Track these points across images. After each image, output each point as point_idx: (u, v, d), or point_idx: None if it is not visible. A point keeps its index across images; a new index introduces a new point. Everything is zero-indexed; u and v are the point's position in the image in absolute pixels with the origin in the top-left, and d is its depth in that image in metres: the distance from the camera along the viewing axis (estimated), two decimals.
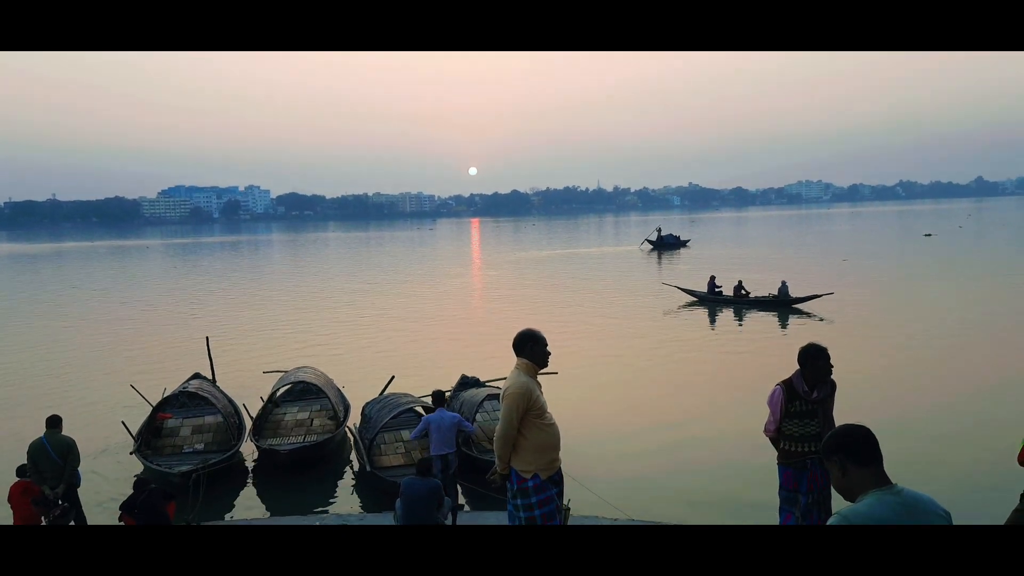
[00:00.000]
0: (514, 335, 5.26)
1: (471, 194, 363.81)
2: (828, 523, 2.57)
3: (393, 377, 13.30)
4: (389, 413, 10.96)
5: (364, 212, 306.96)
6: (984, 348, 17.98)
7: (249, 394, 13.75)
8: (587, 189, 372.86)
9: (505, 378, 5.26)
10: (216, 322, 26.35)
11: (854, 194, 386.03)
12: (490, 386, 12.47)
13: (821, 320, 22.79)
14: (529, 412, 5.02)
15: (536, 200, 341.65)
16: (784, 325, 22.64)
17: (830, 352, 5.63)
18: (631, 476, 10.53)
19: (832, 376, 5.68)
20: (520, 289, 34.96)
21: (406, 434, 11.68)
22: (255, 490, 10.84)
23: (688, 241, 62.94)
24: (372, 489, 10.36)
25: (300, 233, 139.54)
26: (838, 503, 2.88)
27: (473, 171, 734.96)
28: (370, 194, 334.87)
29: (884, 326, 21.27)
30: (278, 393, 13.48)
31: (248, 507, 10.22)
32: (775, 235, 78.83)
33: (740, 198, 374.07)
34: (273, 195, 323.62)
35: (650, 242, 61.14)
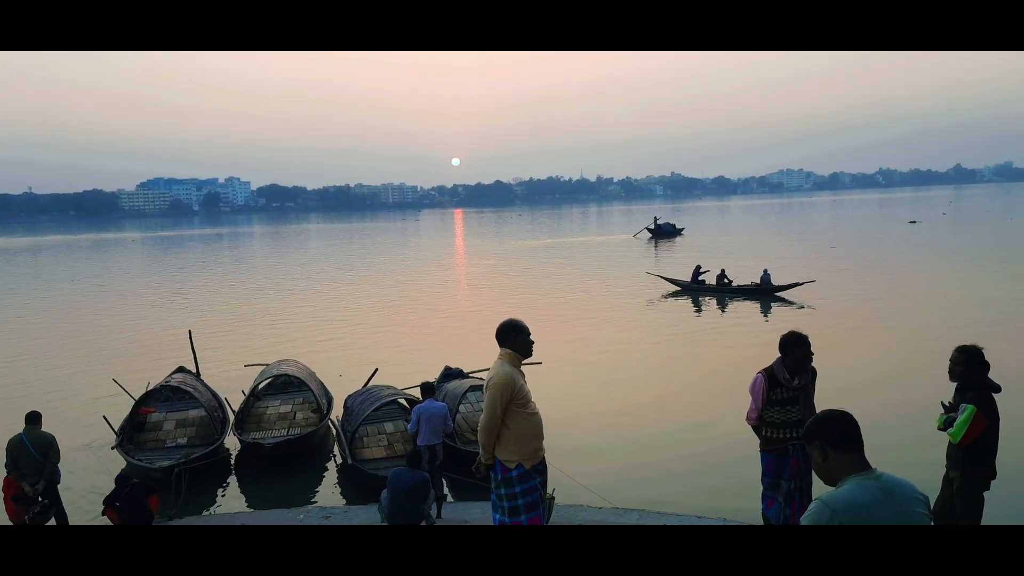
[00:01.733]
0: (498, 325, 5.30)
1: (454, 184, 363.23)
2: (808, 509, 2.58)
3: (376, 370, 13.29)
4: (371, 405, 10.90)
5: (346, 203, 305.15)
6: (976, 335, 17.82)
7: (233, 387, 13.72)
8: (570, 179, 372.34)
9: (488, 369, 5.26)
10: (200, 315, 26.15)
11: (835, 182, 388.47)
12: (473, 377, 12.46)
13: (802, 308, 22.91)
14: (513, 402, 5.04)
15: (519, 190, 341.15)
16: (766, 314, 22.75)
17: (813, 339, 5.71)
18: (614, 465, 10.55)
19: (813, 363, 5.74)
20: (506, 280, 34.93)
21: (389, 426, 11.68)
22: (238, 484, 10.81)
23: (683, 229, 63.68)
24: (355, 482, 10.34)
25: (282, 225, 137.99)
26: (819, 488, 2.91)
27: (456, 162, 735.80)
28: (352, 185, 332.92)
29: (869, 313, 21.32)
30: (260, 386, 13.39)
31: (231, 501, 10.20)
32: (763, 223, 79.01)
33: (722, 187, 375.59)
34: (253, 187, 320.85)
35: (649, 230, 62.08)
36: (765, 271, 25.97)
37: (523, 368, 5.28)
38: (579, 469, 9.52)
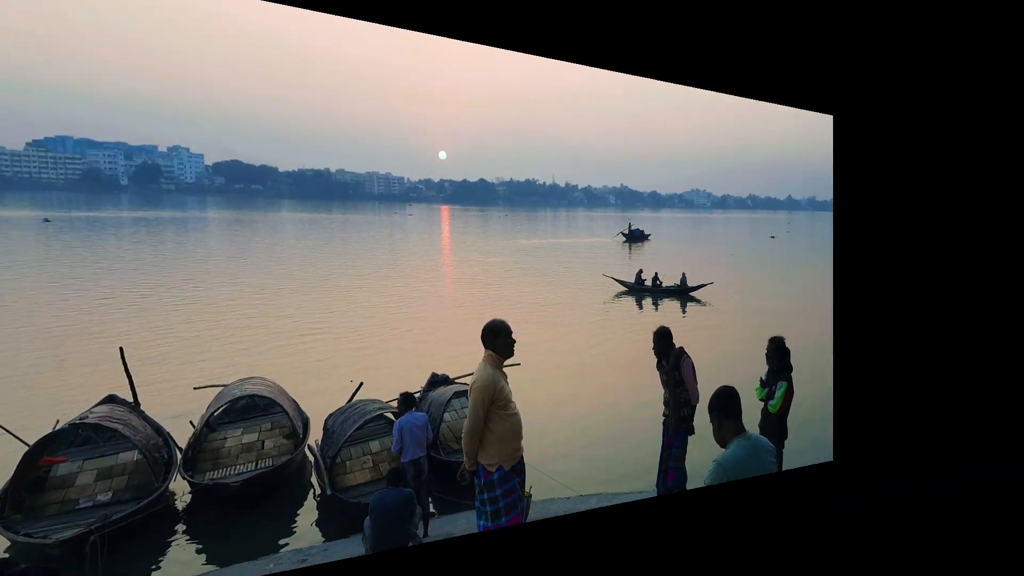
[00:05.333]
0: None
1: (441, 179, 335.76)
2: (709, 470, 3.29)
3: (362, 384, 11.06)
4: (354, 424, 9.09)
5: (326, 190, 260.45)
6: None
7: (181, 417, 10.54)
8: (544, 183, 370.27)
9: (472, 373, 5.07)
10: (137, 326, 19.41)
11: (725, 202, 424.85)
12: (458, 383, 11.05)
13: (705, 305, 26.25)
14: (494, 404, 4.85)
15: (502, 190, 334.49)
16: (684, 310, 25.54)
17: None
18: (580, 456, 10.48)
19: (686, 353, 6.87)
20: (499, 280, 33.78)
21: (375, 445, 9.84)
22: (188, 538, 8.06)
23: (649, 235, 70.19)
24: (336, 514, 8.36)
25: (246, 212, 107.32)
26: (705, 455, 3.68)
27: (443, 155, 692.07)
28: (333, 170, 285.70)
29: (749, 308, 25.13)
30: (216, 413, 10.25)
31: (179, 563, 7.53)
32: (690, 234, 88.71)
33: (656, 201, 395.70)
34: (208, 161, 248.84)
35: (624, 235, 68.18)
36: (683, 274, 29.36)
37: (505, 369, 5.05)
38: (550, 463, 9.37)
